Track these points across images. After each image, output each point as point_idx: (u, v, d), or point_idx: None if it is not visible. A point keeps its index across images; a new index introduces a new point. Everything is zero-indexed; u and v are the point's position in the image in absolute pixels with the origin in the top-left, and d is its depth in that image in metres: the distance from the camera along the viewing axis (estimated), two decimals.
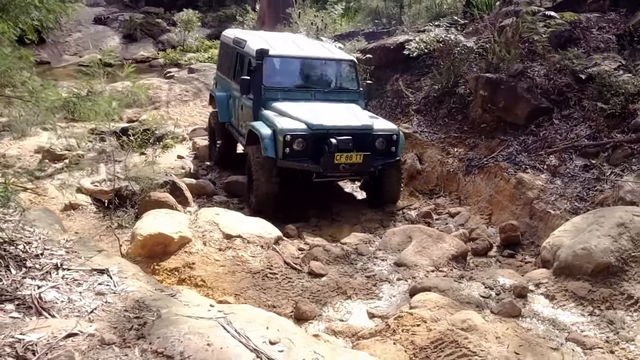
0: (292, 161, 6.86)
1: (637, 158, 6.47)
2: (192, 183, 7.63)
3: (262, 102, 7.51)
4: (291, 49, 8.34)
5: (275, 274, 5.51)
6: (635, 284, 4.78)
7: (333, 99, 7.90)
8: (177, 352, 2.55)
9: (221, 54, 10.12)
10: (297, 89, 7.91)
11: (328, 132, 6.87)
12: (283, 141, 6.71)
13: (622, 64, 7.65)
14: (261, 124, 7.17)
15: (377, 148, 7.18)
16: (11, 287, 3.14)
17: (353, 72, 8.28)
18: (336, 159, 6.82)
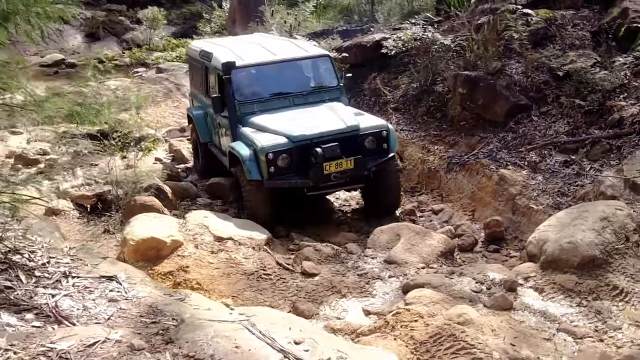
0: (279, 180, 6.55)
1: (615, 153, 6.79)
2: (175, 186, 7.68)
3: (238, 119, 7.16)
4: (260, 55, 7.87)
5: (269, 275, 5.65)
6: (619, 275, 5.06)
7: (314, 101, 7.51)
8: (208, 355, 2.67)
9: (190, 69, 9.71)
10: (273, 97, 7.49)
11: (312, 142, 6.54)
12: (266, 160, 6.38)
13: (597, 60, 7.97)
14: (240, 144, 6.82)
15: (368, 148, 6.86)
16: (26, 297, 3.21)
17: (330, 68, 7.88)
18: (325, 169, 6.47)
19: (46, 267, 3.63)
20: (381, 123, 7.19)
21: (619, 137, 6.98)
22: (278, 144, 6.49)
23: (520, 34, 8.66)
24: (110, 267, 3.81)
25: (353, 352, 2.88)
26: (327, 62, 7.93)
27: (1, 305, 3.07)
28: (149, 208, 6.57)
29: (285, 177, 6.55)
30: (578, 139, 7.31)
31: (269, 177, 6.44)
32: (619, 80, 7.52)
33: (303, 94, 7.58)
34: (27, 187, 3.64)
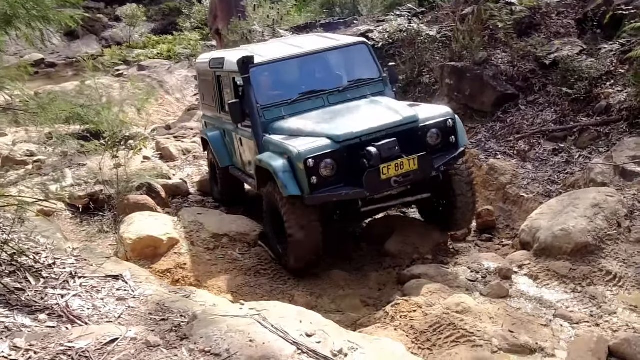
0: (324, 193, 5.17)
1: (604, 141, 6.94)
2: (166, 184, 7.72)
3: (263, 127, 5.92)
4: (282, 50, 6.63)
5: (266, 270, 5.76)
6: (612, 261, 5.22)
7: (353, 97, 6.23)
8: (224, 350, 2.75)
9: (200, 87, 8.51)
10: (303, 97, 6.17)
11: (362, 141, 5.26)
12: (305, 169, 5.03)
13: (583, 48, 8.12)
14: (269, 155, 5.55)
15: (431, 144, 5.54)
16: (37, 298, 3.27)
17: (369, 57, 6.59)
18: (383, 173, 5.13)
19: (52, 268, 3.69)
20: (445, 111, 5.80)
21: (607, 125, 7.13)
22: (319, 147, 5.16)
23: (505, 24, 8.79)
24: (115, 267, 3.88)
25: (363, 343, 2.98)
26: (363, 50, 6.66)
27: (14, 306, 3.13)
28: (142, 207, 6.63)
29: (331, 189, 5.20)
30: (566, 127, 7.46)
31: (311, 190, 5.09)
32: (605, 68, 7.67)
33: (339, 91, 6.29)
34: (33, 189, 3.69)
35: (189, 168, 9.35)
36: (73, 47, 20.97)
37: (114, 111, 4.15)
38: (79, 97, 3.89)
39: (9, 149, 9.11)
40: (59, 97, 3.66)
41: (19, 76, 3.86)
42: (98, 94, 5.02)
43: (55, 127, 4.01)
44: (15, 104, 3.68)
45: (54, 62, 19.63)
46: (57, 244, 4.11)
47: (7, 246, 3.59)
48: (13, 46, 19.95)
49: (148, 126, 11.96)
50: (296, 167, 5.14)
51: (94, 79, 6.01)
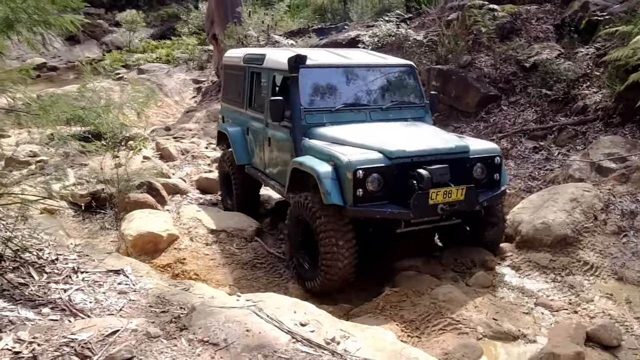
0: (367, 208, 4.68)
1: (581, 139, 7.00)
2: (166, 183, 7.67)
3: (302, 130, 5.47)
4: (330, 57, 6.26)
5: (262, 264, 5.72)
6: (589, 252, 5.26)
7: (394, 118, 5.86)
8: (221, 339, 2.74)
9: (226, 81, 7.92)
10: (346, 108, 5.76)
11: (413, 161, 4.82)
12: (353, 179, 4.57)
13: (561, 52, 8.18)
14: (312, 159, 5.04)
15: (476, 178, 5.15)
16: (40, 292, 3.24)
17: (414, 81, 6.22)
18: (431, 198, 4.70)
19: (55, 264, 3.65)
20: (493, 147, 5.44)
21: (583, 124, 7.19)
22: (370, 159, 4.72)
23: (488, 29, 8.83)
24: (116, 262, 3.84)
25: (355, 331, 2.97)
26: (410, 74, 6.26)
27: (17, 301, 3.09)
28: (143, 204, 6.58)
29: (375, 205, 4.72)
30: (546, 126, 7.50)
31: (354, 202, 4.61)
32: (582, 70, 7.74)
33: (382, 109, 5.88)
34: (36, 188, 3.65)
35: (188, 167, 9.31)
36: (74, 51, 20.84)
37: (114, 113, 4.11)
38: (80, 100, 3.85)
39: (12, 149, 9.01)
40: (60, 99, 3.62)
41: (20, 79, 3.81)
42: (99, 96, 4.97)
43: (57, 128, 3.95)
44: (17, 106, 3.63)
45: (55, 65, 19.50)
46: (60, 241, 4.07)
47: (10, 243, 3.55)
48: (15, 50, 19.79)
49: (148, 127, 11.92)
50: (343, 176, 4.67)
51: (94, 82, 5.95)
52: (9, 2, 3.30)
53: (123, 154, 7.60)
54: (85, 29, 22.04)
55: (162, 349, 2.65)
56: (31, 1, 3.39)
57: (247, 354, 2.66)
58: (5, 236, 3.60)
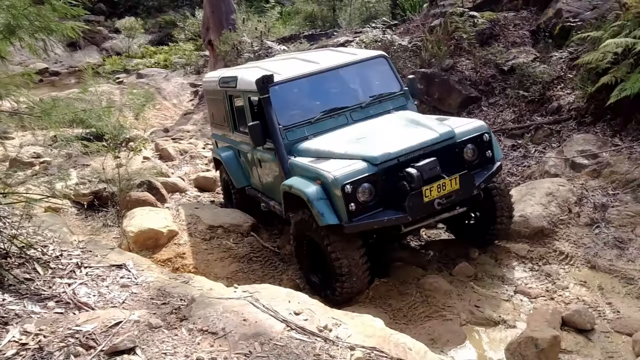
0: (363, 220, 4.36)
1: (556, 137, 7.02)
2: (165, 182, 7.64)
3: (287, 149, 5.08)
4: (300, 67, 5.73)
5: (258, 257, 5.73)
6: (564, 242, 5.29)
7: (376, 113, 5.44)
8: (220, 329, 2.73)
9: (209, 106, 7.46)
10: (325, 115, 5.33)
11: (400, 162, 4.47)
12: (342, 195, 4.24)
13: (537, 56, 8.20)
14: (298, 180, 4.69)
15: (469, 160, 4.79)
16: (45, 287, 3.21)
17: (389, 71, 5.76)
18: (426, 196, 4.37)
19: (59, 260, 3.61)
20: (479, 124, 4.98)
21: (558, 123, 7.21)
22: (355, 171, 4.35)
23: (468, 34, 8.83)
24: (118, 257, 3.82)
25: (346, 319, 2.97)
26: (383, 64, 5.79)
27: (24, 295, 3.06)
28: (143, 202, 6.56)
29: (371, 215, 4.41)
30: (523, 125, 7.52)
31: (350, 217, 4.28)
32: (556, 73, 7.76)
33: (362, 107, 5.45)
34: (39, 187, 3.62)
35: (186, 167, 9.28)
36: (75, 56, 20.66)
37: (114, 115, 4.07)
38: (82, 103, 3.81)
39: (16, 151, 8.93)
40: (61, 102, 3.59)
41: (23, 83, 3.77)
42: (99, 99, 4.93)
43: (59, 130, 3.91)
44: (20, 109, 3.59)
45: (57, 70, 19.33)
46: (64, 237, 4.04)
47: (16, 240, 3.51)
48: (18, 56, 19.59)
49: (147, 129, 11.86)
50: (332, 193, 4.33)
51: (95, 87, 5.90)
52: (11, 9, 3.27)
53: (124, 154, 7.54)
54: (85, 35, 21.89)
55: (163, 338, 2.64)
56: (33, 8, 3.36)
57: (244, 342, 2.65)
58: (10, 234, 3.57)
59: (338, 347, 2.69)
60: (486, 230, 5.29)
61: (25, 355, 2.45)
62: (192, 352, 2.54)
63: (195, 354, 2.53)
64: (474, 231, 5.45)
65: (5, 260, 3.39)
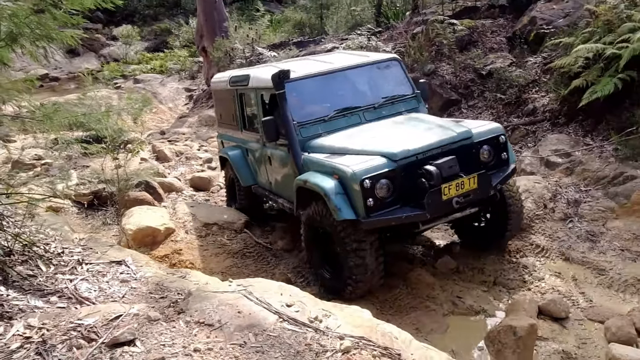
0: (381, 216, 4.12)
1: (532, 137, 7.07)
2: (162, 182, 7.59)
3: (300, 146, 4.85)
4: (314, 66, 5.51)
5: (251, 253, 5.71)
6: (540, 236, 5.32)
7: (388, 114, 5.24)
8: (216, 321, 2.72)
9: (217, 105, 7.20)
10: (339, 114, 5.11)
11: (418, 159, 4.25)
12: (361, 190, 4.01)
13: (513, 61, 8.26)
14: (314, 174, 4.46)
15: (484, 161, 4.59)
16: (48, 283, 3.17)
17: (401, 73, 5.59)
18: (444, 194, 4.16)
19: (61, 256, 3.58)
20: (495, 126, 4.81)
21: (533, 124, 7.27)
22: (375, 166, 4.13)
23: (448, 41, 8.87)
24: (118, 253, 3.79)
25: (335, 310, 2.97)
26: (396, 66, 5.61)
27: (27, 291, 3.03)
28: (141, 201, 6.51)
29: (388, 211, 4.16)
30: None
31: (367, 213, 4.05)
32: (531, 77, 7.82)
33: (374, 108, 5.24)
34: (42, 187, 3.58)
35: (182, 167, 9.22)
36: (74, 63, 20.44)
37: (113, 119, 4.04)
38: (81, 107, 3.78)
39: (18, 153, 8.83)
40: (62, 106, 3.56)
41: (25, 88, 3.73)
42: (98, 103, 4.88)
43: (60, 133, 3.87)
44: (22, 113, 3.55)
45: (57, 76, 19.13)
46: (65, 235, 3.99)
47: (19, 238, 3.47)
48: (19, 62, 19.36)
49: (145, 132, 11.78)
50: (350, 188, 4.09)
51: (94, 91, 5.85)
52: (13, 17, 3.23)
53: (122, 156, 7.50)
54: (84, 42, 21.61)
55: (161, 330, 2.62)
56: (34, 17, 3.33)
57: (239, 333, 2.64)
58: (14, 232, 3.53)
59: (328, 337, 2.69)
60: (495, 234, 5.08)
61: (29, 348, 2.42)
62: (190, 343, 2.53)
63: (192, 345, 2.52)
64: (482, 234, 5.19)
65: (9, 257, 3.35)
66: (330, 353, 2.56)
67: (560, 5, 8.59)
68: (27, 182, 3.97)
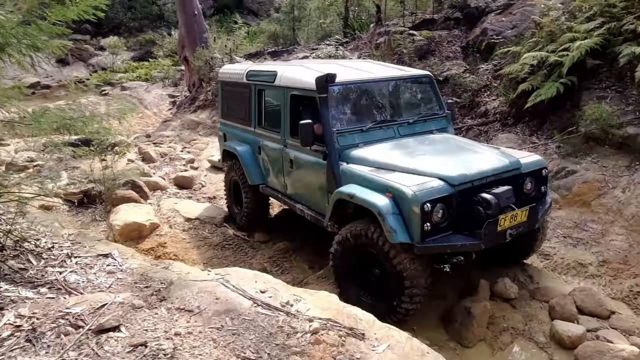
0: (435, 242, 3.59)
1: (484, 136, 7.19)
2: (147, 181, 7.48)
3: (338, 155, 4.24)
4: (354, 73, 4.87)
5: (230, 245, 5.69)
6: None
7: (421, 131, 4.70)
8: (195, 307, 2.70)
9: (225, 98, 6.34)
10: (376, 126, 4.52)
11: (473, 185, 3.76)
12: (421, 213, 3.48)
13: (467, 68, 8.38)
14: (361, 189, 3.86)
15: (527, 193, 4.13)
16: (38, 275, 3.11)
17: (434, 90, 5.03)
18: (500, 225, 3.69)
19: (51, 251, 3.50)
20: (539, 159, 4.36)
21: (485, 124, 7.39)
22: (435, 189, 3.60)
23: (408, 50, 8.96)
24: (105, 247, 3.72)
25: (305, 295, 2.98)
26: (429, 83, 5.04)
27: (18, 283, 2.96)
28: (128, 199, 6.42)
29: (441, 237, 3.64)
30: (456, 127, 7.65)
31: (422, 237, 3.52)
32: (483, 82, 7.95)
33: (409, 123, 4.69)
34: (31, 187, 3.50)
35: (166, 167, 9.07)
36: (64, 71, 19.95)
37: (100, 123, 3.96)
38: (69, 112, 3.70)
39: (11, 156, 8.61)
40: (50, 111, 3.48)
41: (15, 95, 3.64)
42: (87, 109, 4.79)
43: (50, 136, 3.78)
44: (13, 118, 3.47)
45: (48, 84, 18.65)
46: (55, 231, 3.90)
47: (11, 234, 3.39)
48: (11, 71, 18.80)
49: (131, 135, 11.60)
50: (407, 209, 3.53)
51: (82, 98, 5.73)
52: (0, 29, 3.15)
53: (110, 157, 7.38)
54: (73, 52, 21.17)
55: (145, 317, 2.59)
56: (20, 28, 3.24)
57: (216, 317, 2.64)
58: (6, 229, 3.44)
59: (298, 320, 2.70)
60: (519, 254, 4.69)
61: (19, 336, 2.37)
62: (171, 328, 2.51)
63: (173, 329, 2.50)
64: (505, 253, 4.62)
65: (1, 252, 3.26)
66: (301, 334, 2.58)
67: (509, 17, 8.76)
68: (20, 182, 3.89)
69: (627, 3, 6.32)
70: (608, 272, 4.55)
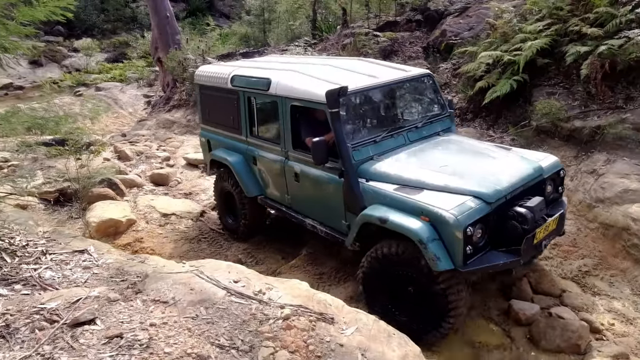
0: (477, 263, 3.27)
1: None
2: (124, 178, 7.30)
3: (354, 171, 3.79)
4: (358, 78, 4.23)
5: (206, 238, 5.62)
6: None
7: (428, 135, 4.29)
8: (170, 298, 2.64)
9: (204, 102, 5.60)
10: (387, 135, 4.05)
11: (507, 199, 3.44)
12: (463, 238, 3.13)
13: (428, 67, 8.43)
14: (392, 212, 3.42)
15: (546, 196, 3.79)
16: (13, 272, 2.99)
17: (435, 89, 4.60)
18: (536, 238, 3.42)
19: (26, 248, 3.37)
20: (556, 160, 4.06)
21: None
22: (474, 210, 3.25)
23: (373, 50, 8.99)
24: (81, 243, 3.61)
25: (277, 284, 2.96)
26: (430, 83, 4.58)
27: None
28: (104, 197, 6.26)
29: (482, 257, 3.32)
30: None
31: (465, 260, 3.20)
32: (444, 80, 8.04)
33: (417, 127, 4.26)
34: (3, 186, 3.35)
35: (142, 165, 8.87)
36: (37, 73, 19.24)
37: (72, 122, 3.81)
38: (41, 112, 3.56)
39: None
40: (21, 111, 3.35)
41: None
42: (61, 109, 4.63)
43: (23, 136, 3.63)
44: None
45: (22, 85, 17.95)
46: (29, 229, 3.76)
47: None
48: None
49: (107, 134, 11.30)
50: (448, 234, 3.17)
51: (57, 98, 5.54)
52: None
53: (85, 156, 7.16)
54: (46, 53, 20.43)
55: (120, 309, 2.53)
56: None
57: (191, 307, 2.59)
58: None
59: (270, 307, 2.68)
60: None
61: None
62: (146, 319, 2.45)
63: (148, 320, 2.44)
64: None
65: None
66: (273, 320, 2.56)
67: (466, 20, 8.88)
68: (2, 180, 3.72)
69: (572, 6, 6.50)
70: (559, 254, 4.69)
